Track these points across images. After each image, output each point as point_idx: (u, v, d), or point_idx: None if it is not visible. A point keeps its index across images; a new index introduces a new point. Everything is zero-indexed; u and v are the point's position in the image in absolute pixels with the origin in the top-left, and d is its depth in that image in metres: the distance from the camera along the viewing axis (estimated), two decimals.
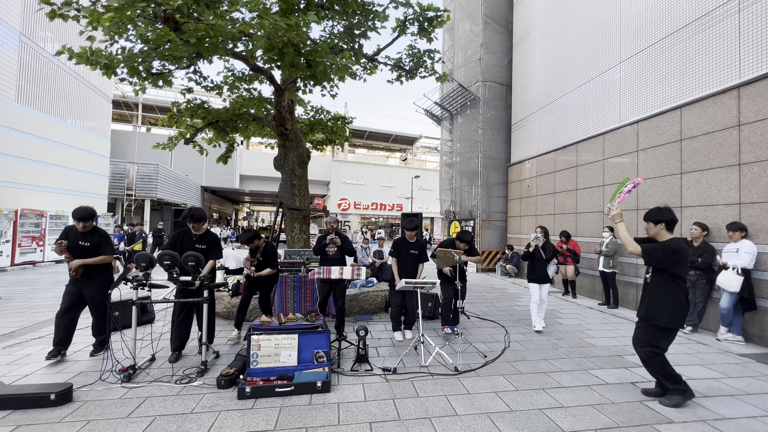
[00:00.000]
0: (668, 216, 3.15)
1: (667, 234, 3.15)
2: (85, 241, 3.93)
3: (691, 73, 6.06)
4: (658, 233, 3.18)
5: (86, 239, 3.94)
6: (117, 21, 3.96)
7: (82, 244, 3.91)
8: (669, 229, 3.15)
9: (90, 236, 3.97)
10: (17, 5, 14.41)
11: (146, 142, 27.23)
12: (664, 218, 3.15)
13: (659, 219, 3.16)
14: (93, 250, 3.96)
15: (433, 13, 5.70)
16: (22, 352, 4.11)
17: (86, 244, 3.92)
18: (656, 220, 3.17)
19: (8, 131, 11.88)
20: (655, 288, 3.14)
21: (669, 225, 3.15)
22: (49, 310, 6.06)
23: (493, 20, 12.30)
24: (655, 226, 3.17)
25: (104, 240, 4.05)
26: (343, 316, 4.65)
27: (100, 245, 3.99)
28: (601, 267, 7.01)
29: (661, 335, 3.09)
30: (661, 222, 3.15)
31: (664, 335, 3.09)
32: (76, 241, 3.91)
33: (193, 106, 6.95)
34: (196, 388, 3.24)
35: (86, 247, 3.93)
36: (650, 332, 3.12)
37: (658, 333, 3.09)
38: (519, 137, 11.70)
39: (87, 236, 3.95)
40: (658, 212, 3.19)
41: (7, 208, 11.29)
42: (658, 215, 3.17)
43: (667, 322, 3.04)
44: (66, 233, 3.97)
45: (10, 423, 2.64)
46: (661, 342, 3.10)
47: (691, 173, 5.97)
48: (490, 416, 2.85)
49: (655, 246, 3.11)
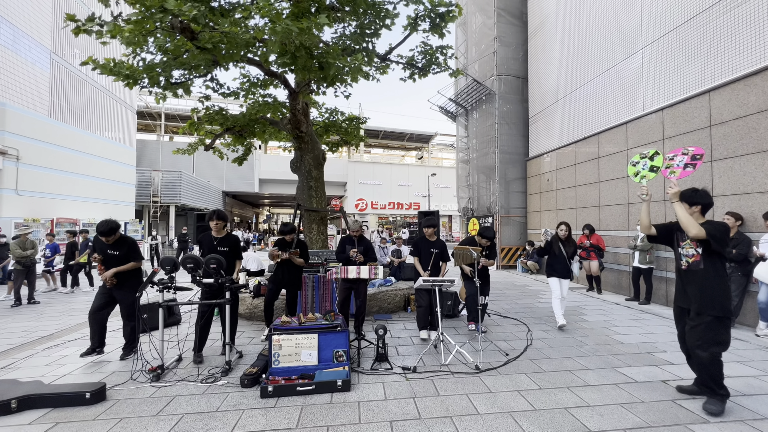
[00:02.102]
0: (705, 199, 2.93)
1: (701, 219, 2.94)
2: (114, 250, 4.16)
3: (719, 55, 5.75)
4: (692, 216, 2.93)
5: (114, 248, 4.17)
6: (137, 33, 4.11)
7: (110, 253, 4.15)
8: (703, 213, 2.95)
9: (118, 245, 4.19)
10: (47, 25, 15.21)
11: (169, 150, 28.09)
12: (701, 201, 2.93)
13: (696, 201, 2.93)
14: (122, 258, 4.19)
15: (444, 8, 5.63)
16: (59, 353, 4.33)
17: (115, 253, 4.16)
18: (693, 202, 2.94)
19: (43, 144, 12.56)
20: (709, 274, 2.84)
21: (705, 209, 2.94)
22: (83, 314, 6.36)
23: (507, 12, 12.06)
24: (690, 208, 2.94)
25: (132, 247, 4.28)
26: (364, 315, 4.68)
27: (129, 253, 4.22)
28: (636, 263, 6.68)
29: (722, 327, 2.79)
30: (697, 204, 2.93)
31: (724, 326, 2.79)
32: (105, 250, 4.15)
33: (212, 113, 7.15)
34: (220, 387, 3.33)
35: (115, 256, 4.16)
36: (713, 327, 2.80)
37: (720, 326, 2.79)
38: (537, 130, 11.43)
39: (115, 246, 4.18)
40: (695, 194, 2.95)
41: (44, 217, 11.93)
42: (695, 197, 2.94)
43: (725, 310, 2.77)
44: (94, 244, 4.25)
45: (50, 420, 2.79)
46: (726, 336, 2.79)
47: (722, 160, 5.67)
48: (512, 415, 2.79)
49: (717, 227, 2.83)
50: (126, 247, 4.21)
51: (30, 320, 5.96)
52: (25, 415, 2.86)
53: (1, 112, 11.24)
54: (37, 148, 12.33)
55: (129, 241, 4.29)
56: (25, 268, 7.17)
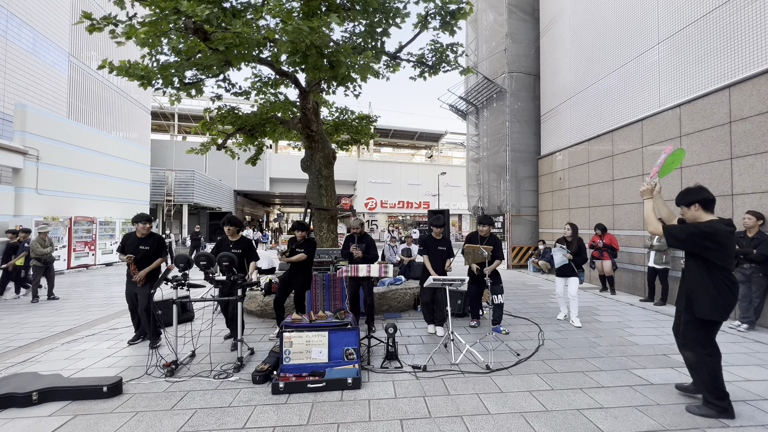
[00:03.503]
0: (700, 195, 2.76)
1: (706, 215, 2.76)
2: (145, 245, 4.35)
3: (740, 49, 5.57)
4: (694, 216, 2.79)
5: (145, 243, 4.36)
6: (151, 34, 4.19)
7: (142, 248, 4.33)
8: (706, 209, 2.76)
9: (148, 240, 4.39)
10: (65, 28, 15.60)
11: (182, 150, 28.64)
12: (696, 198, 2.76)
13: (691, 200, 2.78)
14: (152, 252, 4.38)
15: (455, 5, 5.58)
16: (78, 347, 4.45)
17: (146, 248, 4.35)
18: (688, 202, 2.80)
19: (62, 145, 12.90)
20: (689, 274, 2.81)
21: (705, 204, 2.76)
22: (101, 309, 6.53)
23: (518, 8, 11.90)
24: (689, 209, 2.81)
25: (160, 243, 4.48)
26: (373, 313, 4.69)
27: (158, 248, 4.42)
28: (652, 263, 6.55)
29: (702, 329, 2.75)
30: (693, 203, 2.77)
31: (704, 329, 2.75)
32: (136, 245, 4.33)
33: (224, 113, 7.23)
34: (232, 383, 3.38)
35: (146, 251, 4.34)
36: (694, 327, 2.77)
37: (700, 327, 2.75)
38: (549, 128, 11.26)
39: (145, 240, 4.37)
40: (687, 193, 2.82)
41: (63, 215, 12.26)
42: (688, 196, 2.80)
43: (705, 313, 2.69)
44: (124, 242, 4.41)
45: (69, 412, 2.87)
46: (705, 339, 2.74)
47: (742, 158, 5.50)
48: (524, 416, 2.77)
49: (682, 227, 2.76)
50: (155, 242, 4.41)
51: (50, 315, 6.14)
52: (45, 407, 2.95)
53: (22, 113, 11.58)
54: (56, 148, 12.66)
55: (157, 237, 4.48)
56: (44, 264, 7.37)
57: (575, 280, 5.19)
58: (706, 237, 2.64)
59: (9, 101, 12.67)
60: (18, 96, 13.12)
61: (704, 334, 2.76)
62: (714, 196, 2.80)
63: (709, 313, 2.69)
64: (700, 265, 2.75)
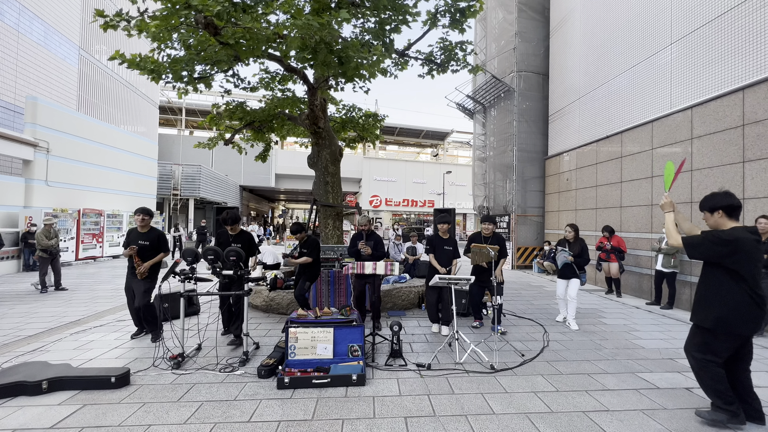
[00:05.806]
0: (724, 201, 2.63)
1: (729, 222, 2.63)
2: (145, 240, 4.39)
3: (754, 51, 5.48)
4: (717, 223, 2.68)
5: (145, 238, 4.40)
6: (162, 29, 4.21)
7: (142, 243, 4.37)
8: (731, 216, 2.63)
9: (149, 235, 4.44)
10: (76, 22, 15.72)
11: (190, 145, 28.84)
12: (720, 204, 2.64)
13: (715, 206, 2.66)
14: (152, 247, 4.42)
15: (465, 3, 5.55)
16: (86, 338, 4.51)
17: (146, 243, 4.38)
18: (711, 207, 2.68)
19: (71, 137, 13.02)
20: (705, 283, 2.72)
21: (729, 211, 2.62)
22: (108, 301, 6.61)
23: (528, 7, 11.80)
24: (712, 214, 2.69)
25: (161, 238, 4.52)
26: (379, 310, 4.70)
27: (158, 243, 4.46)
28: (660, 266, 6.48)
29: (698, 336, 2.69)
30: (717, 209, 2.65)
31: (700, 336, 2.68)
32: (137, 240, 4.38)
33: (232, 108, 7.25)
34: (238, 377, 3.40)
35: (146, 246, 4.38)
36: (698, 335, 2.69)
37: (708, 336, 2.63)
38: (557, 128, 11.17)
39: (146, 235, 4.42)
40: (712, 198, 2.70)
41: (71, 207, 12.40)
42: (712, 201, 2.68)
43: (714, 323, 2.57)
44: (128, 236, 4.46)
45: (78, 402, 2.91)
46: (712, 347, 2.62)
47: (756, 161, 5.42)
48: (528, 416, 2.76)
49: (702, 236, 2.65)
50: (155, 237, 4.45)
51: (59, 306, 6.22)
52: (55, 396, 2.99)
53: (33, 105, 11.70)
54: (66, 141, 12.79)
55: (157, 232, 4.52)
56: (51, 255, 7.46)
57: (576, 281, 5.15)
58: (726, 244, 2.52)
59: (20, 93, 12.81)
60: (29, 88, 13.26)
61: (699, 339, 2.70)
62: (740, 203, 2.66)
63: (720, 325, 2.57)
64: (718, 275, 2.62)
